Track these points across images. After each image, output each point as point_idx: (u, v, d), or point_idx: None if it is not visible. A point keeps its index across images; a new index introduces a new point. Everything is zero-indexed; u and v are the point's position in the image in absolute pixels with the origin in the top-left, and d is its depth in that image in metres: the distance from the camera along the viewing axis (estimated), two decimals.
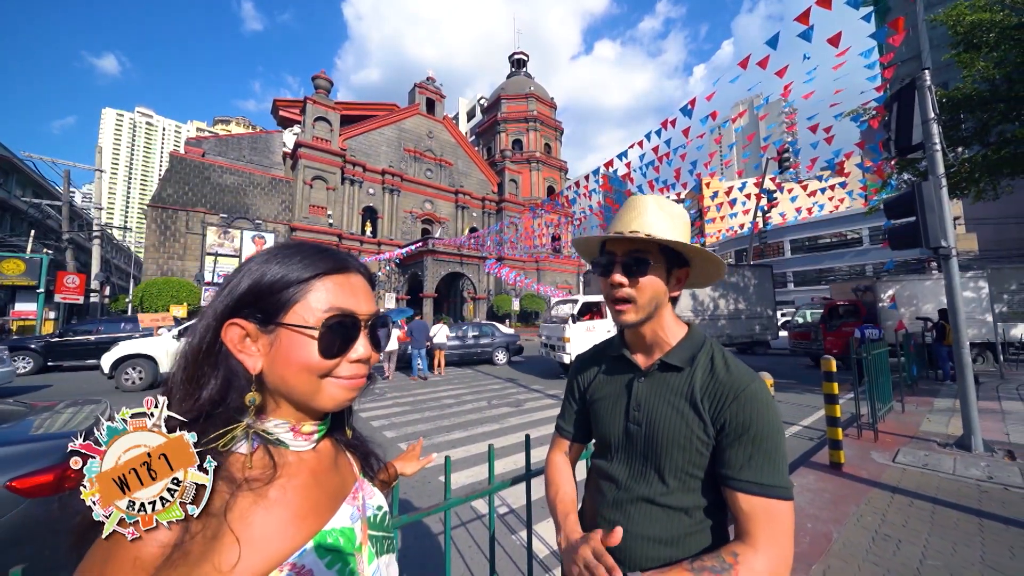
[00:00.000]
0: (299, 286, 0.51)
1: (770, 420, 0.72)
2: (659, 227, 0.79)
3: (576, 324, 10.10)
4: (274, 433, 0.52)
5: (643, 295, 0.80)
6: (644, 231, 0.78)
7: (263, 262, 0.52)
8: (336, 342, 0.52)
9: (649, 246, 0.80)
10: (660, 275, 0.81)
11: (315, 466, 0.56)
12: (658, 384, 0.82)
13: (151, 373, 8.70)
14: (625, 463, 0.84)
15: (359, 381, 0.55)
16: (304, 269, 0.52)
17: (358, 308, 0.55)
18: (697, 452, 0.75)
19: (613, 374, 0.91)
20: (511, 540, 2.84)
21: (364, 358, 0.55)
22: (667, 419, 0.78)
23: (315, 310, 0.51)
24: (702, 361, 0.80)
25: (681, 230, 0.81)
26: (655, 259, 0.80)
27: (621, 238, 0.80)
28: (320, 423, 0.57)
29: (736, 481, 0.71)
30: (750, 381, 0.75)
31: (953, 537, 2.59)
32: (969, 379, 4.26)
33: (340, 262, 0.56)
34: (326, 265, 0.54)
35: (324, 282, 0.53)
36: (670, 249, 0.81)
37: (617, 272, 0.81)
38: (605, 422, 0.88)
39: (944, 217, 4.33)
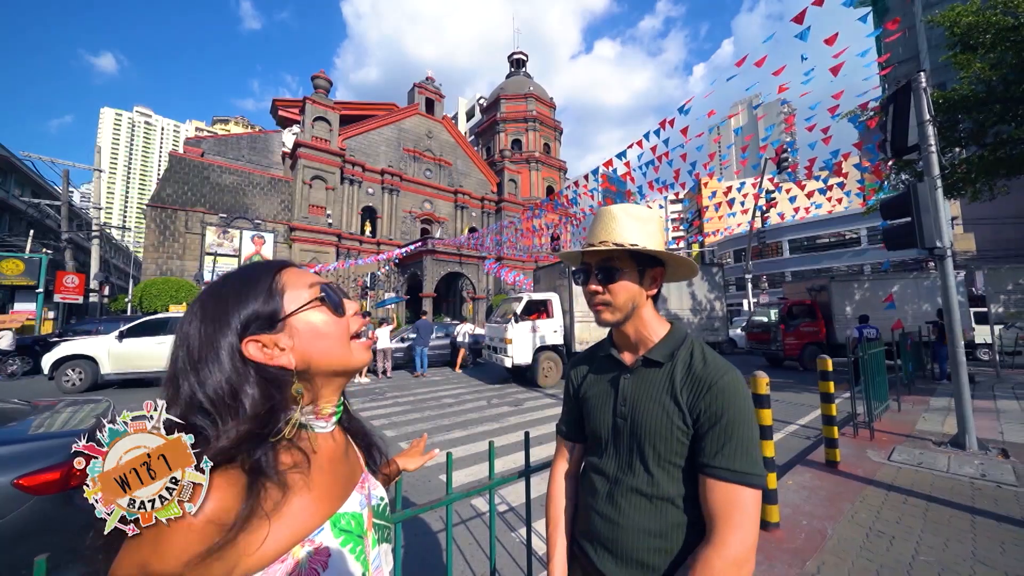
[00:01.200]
0: (272, 288, 0.58)
1: (742, 409, 0.76)
2: (626, 234, 0.85)
3: (519, 324, 9.29)
4: (302, 417, 0.57)
5: (618, 298, 0.86)
6: (612, 240, 0.85)
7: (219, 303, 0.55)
8: (335, 300, 0.61)
9: (619, 253, 0.86)
10: (632, 279, 0.87)
11: (331, 453, 0.61)
12: (642, 379, 0.87)
13: (91, 374, 8.55)
14: (614, 457, 0.88)
15: (369, 339, 0.63)
16: (261, 279, 0.58)
17: (318, 279, 0.63)
18: (678, 441, 0.80)
19: (602, 372, 0.96)
20: (510, 537, 2.88)
21: (359, 310, 0.64)
22: (650, 412, 0.83)
23: (300, 289, 0.59)
24: (682, 356, 0.85)
25: (649, 233, 0.87)
26: (625, 264, 0.86)
27: (592, 250, 0.87)
28: (337, 404, 0.63)
29: (710, 468, 0.75)
30: (724, 373, 0.79)
31: (946, 533, 2.63)
32: (964, 378, 4.31)
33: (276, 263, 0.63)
34: (270, 268, 0.60)
35: (284, 276, 0.60)
36: (640, 253, 0.87)
37: (593, 281, 0.88)
38: (595, 418, 0.93)
39: (939, 218, 4.37)
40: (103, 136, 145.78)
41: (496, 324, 10.24)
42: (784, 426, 5.74)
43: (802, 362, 11.81)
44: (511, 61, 42.55)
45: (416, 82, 32.32)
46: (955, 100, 7.54)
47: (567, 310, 9.64)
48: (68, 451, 2.12)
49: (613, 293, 0.87)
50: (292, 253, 24.14)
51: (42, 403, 2.96)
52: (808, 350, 11.83)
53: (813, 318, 12.07)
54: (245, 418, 0.50)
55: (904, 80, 4.99)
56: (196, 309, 0.55)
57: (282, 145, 26.50)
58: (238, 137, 25.28)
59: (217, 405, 0.50)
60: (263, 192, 24.27)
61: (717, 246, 40.23)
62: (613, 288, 0.86)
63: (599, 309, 0.88)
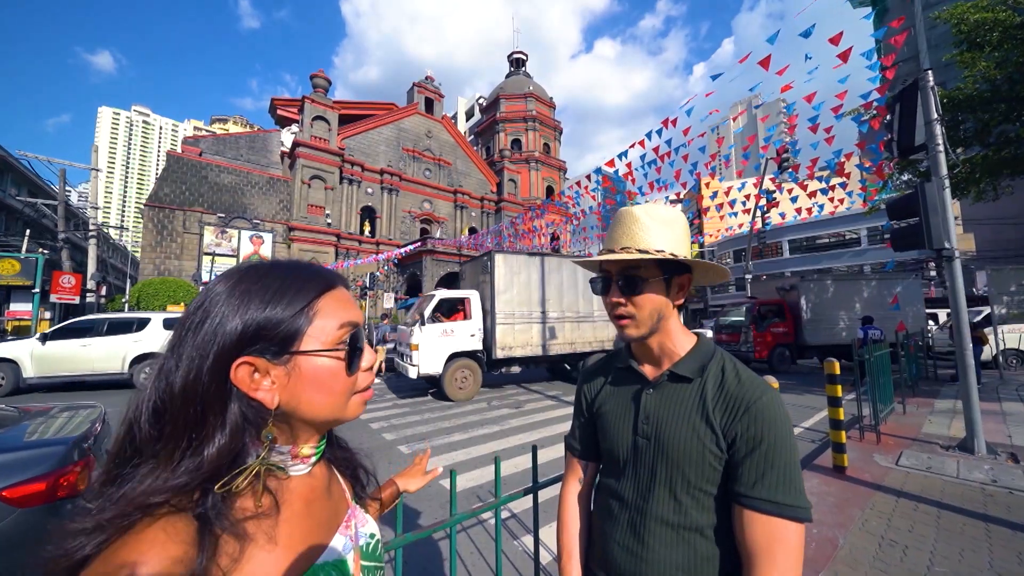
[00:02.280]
0: (306, 310, 0.49)
1: (783, 433, 0.69)
2: (651, 239, 0.78)
3: (428, 327, 7.78)
4: (274, 460, 0.49)
5: (642, 311, 0.79)
6: (636, 246, 0.77)
7: (248, 293, 0.47)
8: (355, 356, 0.52)
9: (642, 261, 0.78)
10: (658, 289, 0.79)
11: (308, 493, 0.53)
12: (668, 396, 0.79)
13: (13, 378, 8.20)
14: (633, 480, 0.80)
15: (371, 391, 0.57)
16: (304, 292, 0.50)
17: (358, 318, 0.55)
18: (710, 467, 0.72)
19: (620, 385, 0.88)
20: (513, 546, 2.80)
21: (374, 363, 0.56)
22: (678, 433, 0.75)
23: (329, 330, 0.50)
24: (713, 371, 0.78)
25: (676, 237, 0.80)
26: (650, 273, 0.78)
27: (615, 259, 0.79)
28: (318, 444, 0.55)
29: (748, 499, 0.67)
30: (762, 392, 0.72)
31: (960, 543, 2.56)
32: (972, 381, 4.25)
33: (329, 278, 0.54)
34: (320, 284, 0.52)
35: (326, 301, 0.52)
36: (667, 259, 0.79)
37: (614, 293, 0.80)
38: (612, 436, 0.85)
39: (947, 218, 4.31)
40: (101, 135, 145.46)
41: (404, 327, 8.78)
42: None
43: (771, 364, 11.57)
44: (511, 61, 42.48)
45: (415, 81, 32.24)
46: (959, 99, 7.49)
47: (488, 310, 8.33)
48: (55, 460, 2.05)
49: (637, 305, 0.79)
50: (291, 253, 24.04)
51: (34, 408, 2.89)
52: (777, 351, 11.62)
53: (783, 318, 11.78)
54: (206, 452, 0.42)
55: (906, 79, 4.93)
56: (233, 283, 0.48)
57: (281, 145, 26.39)
58: (236, 136, 25.17)
59: (176, 423, 0.43)
60: (262, 192, 24.17)
61: (717, 246, 40.23)
62: (638, 300, 0.78)
63: (622, 324, 0.81)
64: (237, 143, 24.85)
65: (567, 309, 9.27)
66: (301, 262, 0.55)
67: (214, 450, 0.43)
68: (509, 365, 8.74)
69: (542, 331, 8.83)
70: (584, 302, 9.51)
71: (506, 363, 8.65)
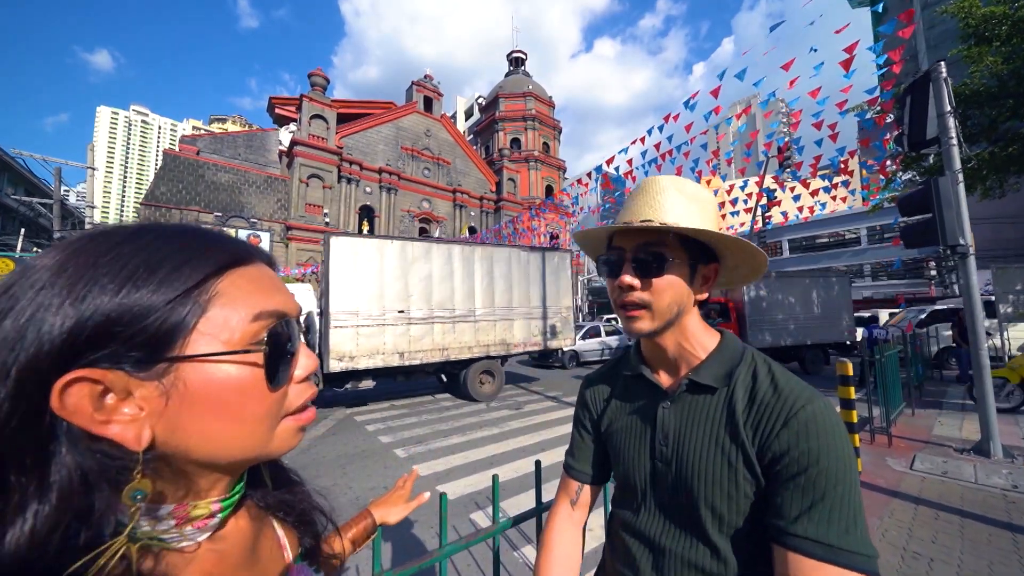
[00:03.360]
0: (194, 294, 0.32)
1: (838, 454, 0.53)
2: (678, 214, 0.63)
3: None
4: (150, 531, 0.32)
5: (661, 299, 0.63)
6: (659, 219, 0.62)
7: (89, 270, 0.29)
8: (282, 360, 0.36)
9: (666, 238, 0.63)
10: (682, 274, 0.64)
11: (216, 567, 0.35)
12: (689, 410, 0.64)
13: None
14: (656, 514, 0.65)
15: (311, 410, 0.39)
16: (191, 268, 0.32)
17: (286, 306, 0.37)
18: (746, 498, 0.57)
19: (631, 399, 0.73)
20: (512, 557, 2.65)
21: (312, 371, 0.39)
22: (704, 456, 0.60)
23: (236, 324, 0.33)
24: (742, 378, 0.62)
25: (708, 217, 0.65)
26: (675, 254, 0.63)
27: (631, 229, 0.64)
28: (227, 496, 0.37)
29: (791, 537, 0.51)
30: (806, 400, 0.56)
31: (988, 555, 2.42)
32: (987, 382, 4.11)
33: (238, 248, 0.37)
34: (221, 257, 0.35)
35: (232, 281, 0.34)
36: (694, 241, 0.64)
37: (627, 272, 0.64)
38: (626, 460, 0.70)
39: (961, 213, 4.17)
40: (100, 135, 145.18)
41: None
42: None
43: None
44: (510, 60, 42.35)
45: (414, 80, 32.10)
46: (965, 95, 7.37)
47: (322, 310, 6.86)
48: None
49: (656, 291, 0.63)
50: (289, 252, 23.87)
51: None
52: None
53: (727, 319, 11.13)
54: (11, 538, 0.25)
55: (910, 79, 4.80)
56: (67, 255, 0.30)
57: (279, 143, 26.21)
58: (234, 135, 25.00)
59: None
60: (259, 191, 23.99)
61: None
62: (657, 285, 0.63)
63: (633, 314, 0.64)
64: (235, 142, 24.67)
65: (438, 307, 7.44)
66: (190, 225, 0.37)
67: (25, 531, 0.25)
68: (356, 380, 7.01)
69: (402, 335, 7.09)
70: (463, 297, 7.75)
71: (349, 377, 6.92)
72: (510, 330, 8.37)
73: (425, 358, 7.27)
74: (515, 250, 8.69)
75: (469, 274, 7.91)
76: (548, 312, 9.01)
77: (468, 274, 7.89)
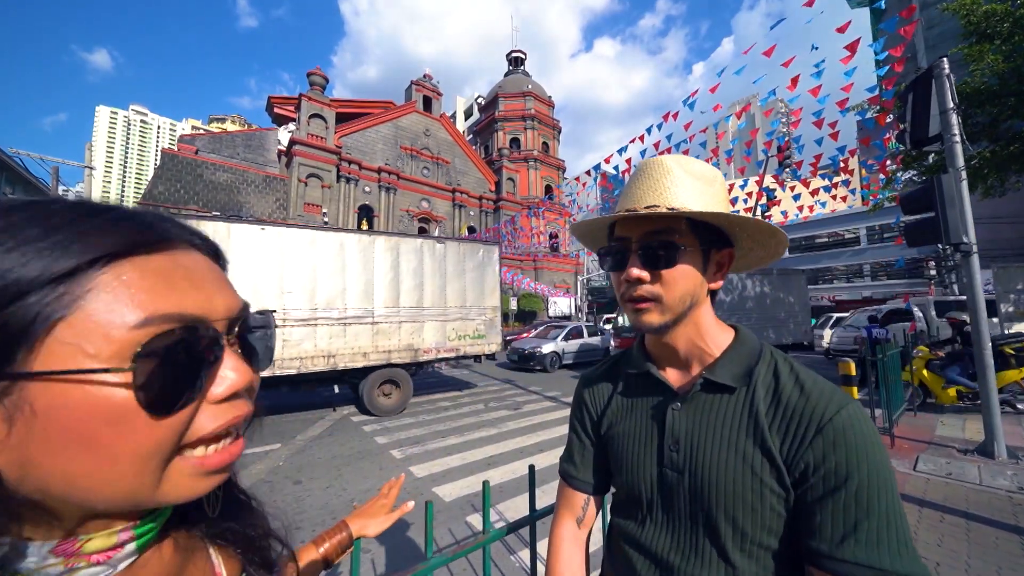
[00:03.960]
0: (60, 287, 0.24)
1: (878, 465, 0.48)
2: (687, 196, 0.57)
3: None
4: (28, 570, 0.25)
5: (672, 291, 0.57)
6: (667, 204, 0.56)
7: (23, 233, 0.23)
8: (174, 380, 0.26)
9: (676, 224, 0.57)
10: (694, 262, 0.58)
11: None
12: (703, 412, 0.58)
13: None
14: (666, 528, 0.59)
15: (233, 446, 0.30)
16: (66, 248, 0.24)
17: (210, 308, 0.29)
18: (772, 511, 0.52)
19: (635, 397, 0.67)
20: (509, 561, 2.59)
21: (240, 387, 0.29)
22: (723, 464, 0.54)
23: (114, 329, 0.24)
24: (763, 377, 0.57)
25: (717, 198, 0.59)
26: (686, 241, 0.57)
27: (636, 216, 0.58)
28: (139, 524, 0.29)
29: (836, 562, 0.46)
30: (839, 404, 0.51)
31: (995, 558, 2.36)
32: (991, 382, 4.06)
33: (151, 230, 0.28)
34: (121, 237, 0.26)
35: (121, 270, 0.26)
36: (705, 226, 0.58)
37: (634, 265, 0.58)
38: (630, 468, 0.64)
39: (965, 211, 4.12)
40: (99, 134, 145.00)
41: None
42: None
43: None
44: (509, 59, 42.31)
45: (414, 80, 32.04)
46: (967, 93, 7.32)
47: None
48: None
49: (667, 283, 0.57)
50: None
51: None
52: None
53: None
54: None
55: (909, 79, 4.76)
56: None
57: (278, 143, 26.14)
58: (233, 135, 24.94)
59: None
60: (258, 190, 23.93)
61: None
62: (668, 276, 0.57)
63: (642, 307, 0.58)
64: (233, 141, 24.60)
65: (325, 306, 6.35)
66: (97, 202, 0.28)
67: None
68: None
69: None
70: (359, 295, 6.63)
71: None
72: (419, 334, 7.18)
73: (303, 366, 6.04)
74: (428, 241, 7.57)
75: (367, 268, 6.76)
76: (471, 313, 7.83)
77: (366, 268, 6.76)
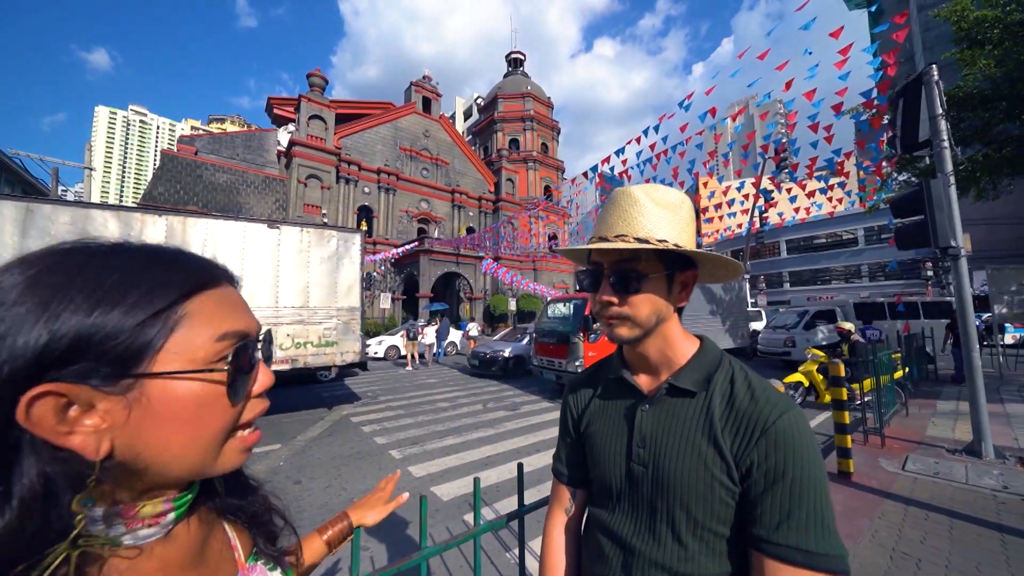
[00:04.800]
0: (164, 316, 0.34)
1: (811, 463, 0.56)
2: (652, 227, 0.64)
3: None
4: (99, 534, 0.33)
5: (639, 312, 0.65)
6: (633, 234, 0.64)
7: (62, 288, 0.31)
8: (244, 378, 0.39)
9: (641, 253, 0.65)
10: (659, 287, 0.66)
11: (165, 566, 0.37)
12: (667, 413, 0.66)
13: None
14: (630, 515, 0.67)
15: (257, 431, 0.42)
16: (162, 290, 0.35)
17: (250, 326, 0.40)
18: (721, 502, 0.59)
19: (611, 399, 0.75)
20: (505, 559, 2.66)
21: (268, 386, 0.42)
22: (680, 459, 0.62)
23: (201, 343, 0.36)
24: (720, 384, 0.65)
25: (681, 224, 0.66)
26: (651, 268, 0.65)
27: (609, 248, 0.65)
28: (180, 496, 0.38)
29: (772, 545, 0.54)
30: (782, 410, 0.59)
31: (976, 555, 2.44)
32: (979, 383, 4.13)
33: (205, 270, 0.39)
34: (191, 279, 0.37)
35: (200, 303, 0.37)
36: (669, 251, 0.65)
37: (605, 291, 0.66)
38: (603, 461, 0.72)
39: (953, 216, 4.20)
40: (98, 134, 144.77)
41: None
42: None
43: None
44: (509, 61, 42.40)
45: (413, 81, 32.11)
46: (959, 97, 7.40)
47: None
48: None
49: (633, 306, 0.65)
50: None
51: None
52: None
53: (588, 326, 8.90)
54: None
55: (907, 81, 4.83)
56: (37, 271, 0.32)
57: (277, 144, 26.18)
58: (232, 135, 24.97)
59: None
60: (257, 191, 23.97)
61: (715, 246, 40.23)
62: (634, 300, 0.65)
63: (614, 322, 0.67)
64: (233, 142, 24.64)
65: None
66: (162, 247, 0.38)
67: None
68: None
69: None
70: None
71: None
72: None
73: None
74: (256, 225, 6.17)
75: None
76: (316, 316, 6.47)
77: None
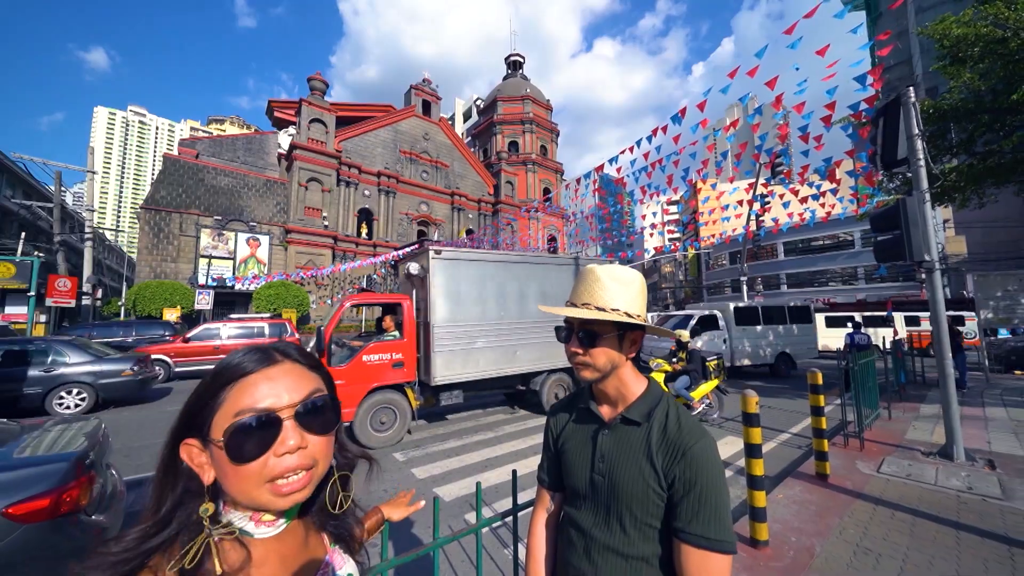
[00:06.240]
0: (215, 399, 0.54)
1: (714, 476, 0.79)
2: (608, 298, 0.89)
3: None
4: (237, 525, 0.54)
5: (598, 360, 0.90)
6: (595, 303, 0.89)
7: (207, 380, 0.56)
8: (246, 445, 0.51)
9: (599, 320, 0.89)
10: (612, 344, 0.90)
11: (281, 548, 0.57)
12: (620, 438, 0.90)
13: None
14: (591, 512, 0.90)
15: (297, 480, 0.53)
16: (223, 379, 0.55)
17: (276, 402, 0.54)
18: (654, 504, 0.82)
19: (581, 424, 0.99)
20: (504, 555, 2.89)
21: (291, 449, 0.53)
22: (627, 473, 0.85)
23: (223, 421, 0.53)
24: (658, 417, 0.88)
25: (631, 296, 0.91)
26: (606, 330, 0.89)
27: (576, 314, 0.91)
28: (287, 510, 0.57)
29: (685, 534, 0.78)
30: (698, 439, 0.82)
31: (931, 551, 2.67)
32: (951, 389, 4.37)
33: (260, 359, 0.57)
34: (238, 371, 0.55)
35: (236, 390, 0.54)
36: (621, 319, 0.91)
37: (572, 344, 0.92)
38: (573, 471, 0.95)
39: (928, 232, 4.43)
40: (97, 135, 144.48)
41: None
42: (776, 435, 5.79)
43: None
44: (508, 63, 42.58)
45: (413, 84, 32.29)
46: (945, 110, 7.64)
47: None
48: (58, 477, 2.12)
49: (593, 356, 0.90)
50: (288, 256, 24.05)
51: (28, 423, 2.95)
52: None
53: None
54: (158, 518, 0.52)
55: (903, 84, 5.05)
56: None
57: (278, 147, 26.38)
58: (233, 139, 25.17)
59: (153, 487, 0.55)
60: (258, 194, 24.15)
61: (712, 249, 40.49)
62: (594, 352, 0.90)
63: (578, 367, 0.93)
64: (234, 145, 24.84)
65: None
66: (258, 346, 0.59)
67: (165, 510, 0.52)
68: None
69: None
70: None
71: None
72: None
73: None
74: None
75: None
76: None
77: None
